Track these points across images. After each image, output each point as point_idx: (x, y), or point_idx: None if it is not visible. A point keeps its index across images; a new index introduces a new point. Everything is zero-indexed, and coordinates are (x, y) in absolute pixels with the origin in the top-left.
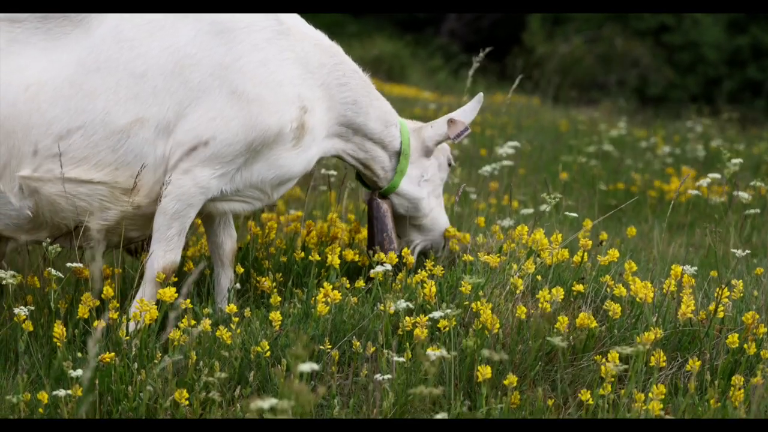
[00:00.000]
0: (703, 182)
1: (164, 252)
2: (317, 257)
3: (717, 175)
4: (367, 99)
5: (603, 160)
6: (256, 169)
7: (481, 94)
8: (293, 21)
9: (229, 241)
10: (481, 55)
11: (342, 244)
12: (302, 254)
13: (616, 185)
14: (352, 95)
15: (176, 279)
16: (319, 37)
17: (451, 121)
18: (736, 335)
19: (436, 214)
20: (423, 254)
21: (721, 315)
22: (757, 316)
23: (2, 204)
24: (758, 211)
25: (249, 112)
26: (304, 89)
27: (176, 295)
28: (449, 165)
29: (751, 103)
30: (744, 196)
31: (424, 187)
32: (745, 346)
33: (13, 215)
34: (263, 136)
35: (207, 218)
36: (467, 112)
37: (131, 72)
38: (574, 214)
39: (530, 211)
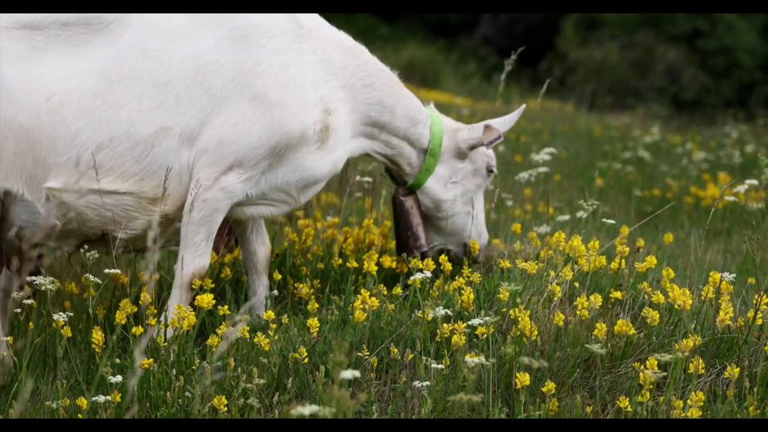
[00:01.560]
0: (741, 188)
1: (193, 258)
2: (354, 264)
3: (754, 182)
4: (393, 98)
5: (638, 166)
6: (281, 172)
7: (523, 105)
8: (315, 23)
9: (262, 248)
10: (513, 57)
11: (378, 250)
12: (339, 261)
13: (652, 191)
14: (376, 95)
15: (213, 285)
16: (342, 38)
17: (487, 127)
18: None
19: (460, 220)
20: (454, 261)
21: (759, 322)
22: None
23: (31, 213)
24: None
25: (271, 116)
26: (327, 91)
27: (213, 301)
28: (489, 172)
29: None
30: None
31: (451, 189)
32: None
33: (41, 224)
34: (287, 140)
35: (239, 225)
36: (506, 122)
37: (155, 81)
38: (612, 221)
39: (566, 217)
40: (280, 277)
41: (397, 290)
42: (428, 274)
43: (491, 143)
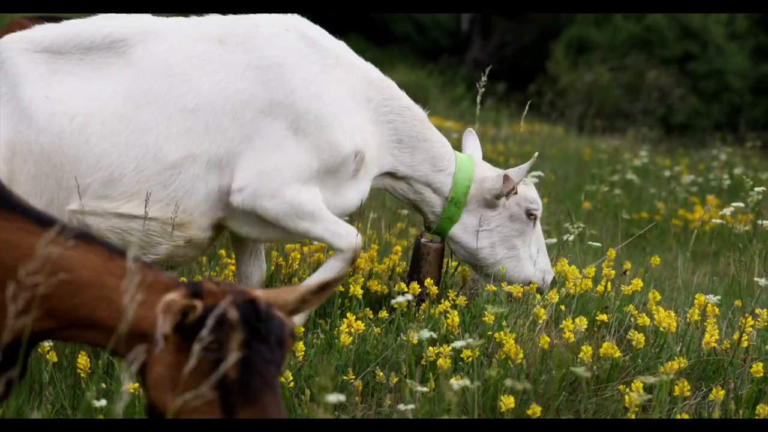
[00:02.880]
0: (727, 211)
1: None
2: (341, 288)
3: (741, 204)
4: (413, 139)
5: (626, 189)
6: (324, 195)
7: (536, 154)
8: (341, 51)
9: (257, 272)
10: (484, 78)
11: (365, 274)
12: None
13: (640, 214)
14: (397, 134)
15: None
16: (368, 69)
17: (505, 177)
18: (761, 364)
19: (510, 265)
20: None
21: (745, 344)
22: None
23: None
24: None
25: (314, 138)
26: (360, 121)
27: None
28: (530, 215)
29: None
30: (767, 225)
31: (485, 237)
32: None
33: None
34: (335, 155)
35: (238, 246)
36: (521, 170)
37: (182, 107)
38: (598, 244)
39: (554, 240)
40: None
41: (383, 314)
42: (410, 297)
43: (509, 193)
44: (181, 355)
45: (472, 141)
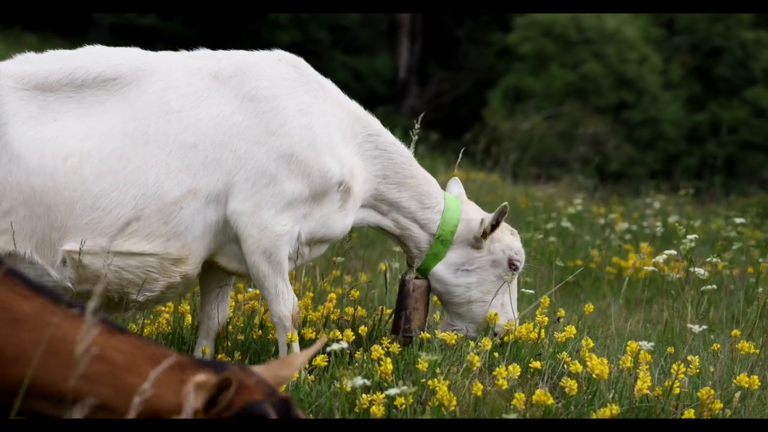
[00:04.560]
0: (660, 258)
1: (282, 305)
2: (275, 335)
3: (673, 252)
4: (399, 175)
5: (561, 236)
6: (311, 225)
7: (505, 203)
8: (328, 85)
9: (221, 314)
10: (417, 126)
11: (299, 321)
12: (260, 332)
13: (575, 261)
14: (382, 170)
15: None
16: (352, 105)
17: (482, 221)
18: (692, 411)
19: (478, 308)
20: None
21: (677, 391)
22: (713, 392)
23: (38, 276)
24: (715, 287)
25: (305, 168)
26: (347, 153)
27: None
28: (512, 266)
29: (710, 178)
30: (700, 272)
31: (463, 276)
32: None
33: (49, 286)
34: (325, 182)
35: (206, 286)
36: (494, 216)
37: (181, 144)
38: (531, 291)
39: None
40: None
41: (317, 361)
42: (344, 345)
43: (486, 234)
44: None
45: (455, 189)
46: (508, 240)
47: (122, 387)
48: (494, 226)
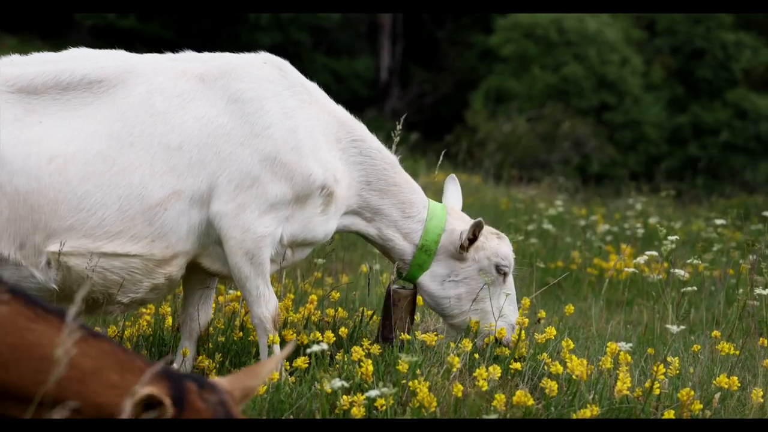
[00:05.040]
0: (640, 259)
1: (264, 306)
2: (256, 337)
3: (654, 253)
4: (382, 182)
5: (542, 238)
6: (293, 228)
7: (480, 219)
8: (313, 89)
9: (203, 317)
10: (399, 127)
11: (280, 323)
12: (240, 334)
13: (556, 263)
14: (365, 176)
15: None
16: (337, 110)
17: (461, 233)
18: (672, 412)
19: (475, 318)
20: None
21: (657, 392)
22: (693, 393)
23: (23, 277)
24: (695, 288)
25: (289, 170)
26: (331, 158)
27: None
28: (499, 272)
29: (692, 180)
30: (680, 273)
31: (450, 288)
32: None
33: (34, 288)
34: (307, 185)
35: (189, 288)
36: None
37: (166, 145)
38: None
39: None
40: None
41: (298, 363)
42: (324, 346)
43: (469, 245)
44: None
45: (452, 187)
46: (494, 246)
47: (88, 393)
48: (471, 240)
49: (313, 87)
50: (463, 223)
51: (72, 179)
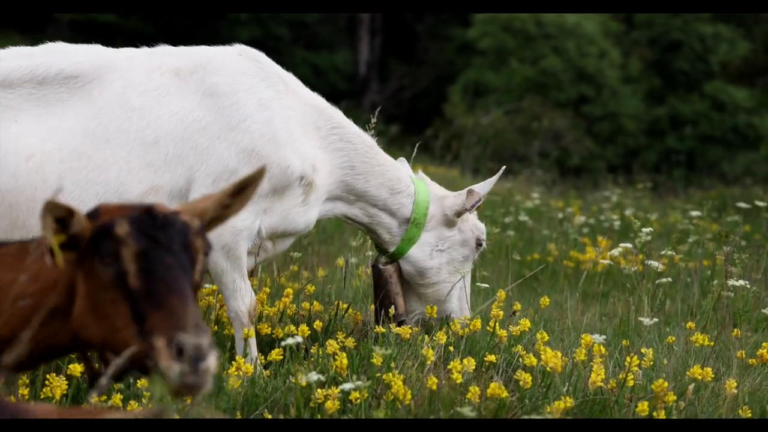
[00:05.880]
0: (615, 251)
1: (240, 300)
2: (232, 331)
3: (628, 245)
4: (367, 165)
5: (519, 230)
6: (272, 219)
7: (503, 167)
8: (289, 79)
9: None
10: (373, 119)
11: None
12: (216, 328)
13: (532, 255)
14: (348, 161)
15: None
16: (315, 98)
17: (469, 192)
18: (646, 403)
19: (445, 289)
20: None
21: (631, 383)
22: (666, 384)
23: None
24: (670, 279)
25: (267, 161)
26: (309, 148)
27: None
28: (478, 245)
29: (670, 172)
30: (655, 265)
31: (437, 257)
32: (655, 414)
33: None
34: (286, 177)
35: None
36: (486, 185)
37: (142, 141)
38: (486, 285)
39: None
40: None
41: (272, 356)
42: (299, 339)
43: (473, 207)
44: (90, 281)
45: (407, 169)
46: (474, 219)
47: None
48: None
49: (289, 77)
50: (442, 191)
51: (49, 177)
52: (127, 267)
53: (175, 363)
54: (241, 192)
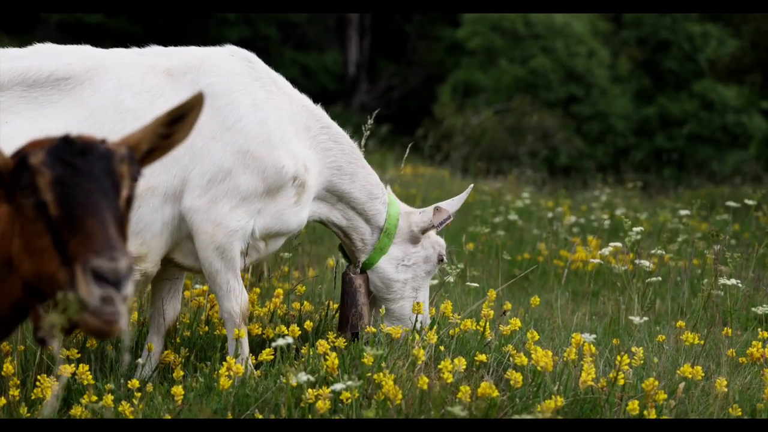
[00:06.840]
0: (605, 251)
1: (234, 301)
2: (223, 331)
3: (618, 244)
4: (352, 166)
5: (509, 230)
6: (266, 220)
7: (470, 186)
8: (279, 80)
9: (171, 311)
10: (370, 121)
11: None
12: (206, 328)
13: (523, 255)
14: (336, 161)
15: (79, 355)
16: (304, 99)
17: (437, 209)
18: (637, 402)
19: (408, 305)
20: None
21: (621, 382)
22: (657, 383)
23: None
24: (660, 278)
25: (261, 162)
26: (301, 148)
27: (73, 368)
28: (440, 261)
29: (659, 171)
30: (645, 264)
31: (403, 272)
32: (645, 412)
33: None
34: (280, 177)
35: (158, 282)
36: (454, 202)
37: None
38: (476, 284)
39: (434, 282)
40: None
41: (263, 356)
42: (290, 339)
43: (441, 224)
44: (20, 217)
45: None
46: (434, 235)
47: None
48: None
49: (280, 78)
50: (408, 207)
51: None
52: (45, 196)
53: (93, 288)
54: (180, 120)
